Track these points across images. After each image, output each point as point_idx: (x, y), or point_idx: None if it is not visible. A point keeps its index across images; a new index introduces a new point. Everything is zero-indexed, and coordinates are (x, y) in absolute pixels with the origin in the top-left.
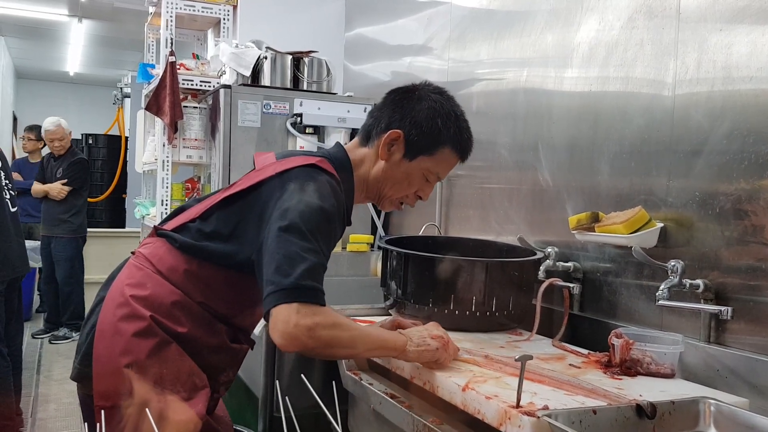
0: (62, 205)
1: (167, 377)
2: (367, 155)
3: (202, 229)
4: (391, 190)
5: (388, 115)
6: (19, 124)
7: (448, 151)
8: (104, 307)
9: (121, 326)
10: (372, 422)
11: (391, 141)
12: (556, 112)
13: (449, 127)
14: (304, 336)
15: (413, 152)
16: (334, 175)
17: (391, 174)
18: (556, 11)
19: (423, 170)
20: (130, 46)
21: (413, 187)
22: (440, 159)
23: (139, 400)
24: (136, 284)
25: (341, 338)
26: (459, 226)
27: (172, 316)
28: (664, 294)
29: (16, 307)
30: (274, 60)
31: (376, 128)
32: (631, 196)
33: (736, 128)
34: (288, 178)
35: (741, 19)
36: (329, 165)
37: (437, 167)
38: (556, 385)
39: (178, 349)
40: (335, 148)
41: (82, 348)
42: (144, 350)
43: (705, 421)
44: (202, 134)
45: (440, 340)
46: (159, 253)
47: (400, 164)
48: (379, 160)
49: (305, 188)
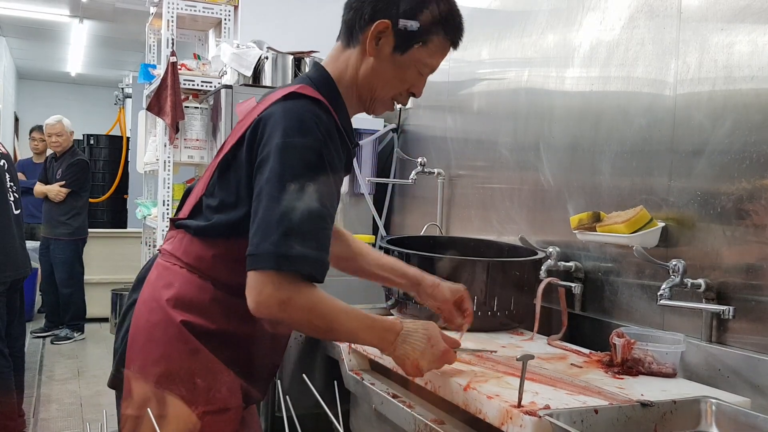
0: (61, 207)
1: (199, 387)
2: (351, 56)
3: (210, 204)
4: (382, 90)
5: (371, 3)
6: (21, 125)
7: (440, 38)
8: (136, 312)
9: (152, 331)
10: (373, 422)
11: (378, 33)
12: (558, 112)
13: (441, 11)
14: (276, 308)
15: (404, 43)
16: (318, 98)
17: (381, 71)
18: (557, 11)
19: (416, 62)
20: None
21: (406, 84)
22: (433, 48)
23: (164, 412)
24: (165, 285)
25: (317, 326)
26: (460, 226)
27: (203, 314)
28: (666, 293)
29: (18, 307)
30: (275, 60)
31: (358, 21)
32: (633, 196)
33: (737, 128)
34: (267, 117)
35: (742, 19)
36: (310, 89)
37: (431, 58)
38: (558, 385)
39: (209, 356)
40: (313, 69)
41: (117, 354)
42: (173, 358)
43: (706, 421)
44: (203, 134)
45: (428, 342)
46: (183, 246)
47: (391, 59)
48: (367, 57)
49: (284, 126)
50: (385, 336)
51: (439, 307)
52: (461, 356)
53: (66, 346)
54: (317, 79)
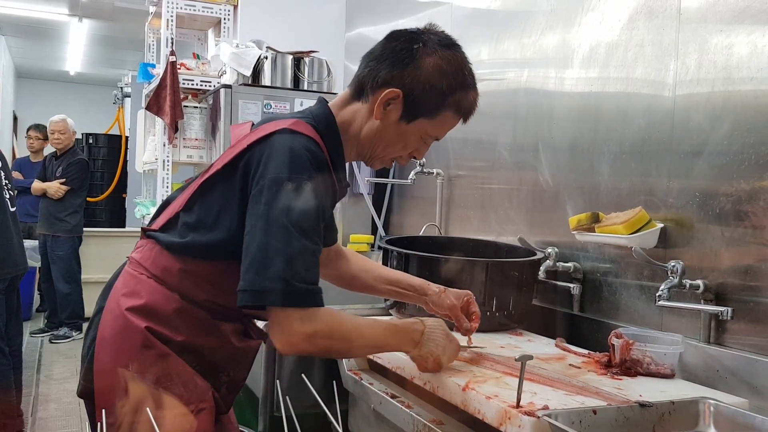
0: (60, 204)
1: (169, 392)
2: (359, 111)
3: (187, 221)
4: (384, 151)
5: (387, 68)
6: (20, 124)
7: (451, 113)
8: (102, 320)
9: (118, 340)
10: (372, 422)
11: (388, 100)
12: (557, 113)
13: (455, 90)
14: (303, 344)
15: (412, 114)
16: (312, 137)
17: (385, 135)
18: (556, 12)
19: (421, 133)
20: (130, 45)
21: (408, 149)
22: (441, 122)
23: (141, 417)
24: (130, 293)
25: (340, 348)
26: (459, 226)
27: (169, 324)
28: (664, 294)
29: (15, 306)
30: (274, 60)
31: (371, 82)
32: (632, 197)
33: (736, 129)
34: (261, 149)
35: (741, 20)
36: (306, 126)
37: (437, 130)
38: (556, 385)
39: (177, 360)
40: (318, 105)
41: (84, 362)
42: (142, 364)
43: (705, 422)
44: (202, 134)
45: (447, 337)
46: (151, 256)
47: (397, 126)
48: (373, 119)
49: (279, 161)
50: (412, 337)
51: (447, 314)
52: (462, 355)
53: (64, 345)
54: (319, 117)
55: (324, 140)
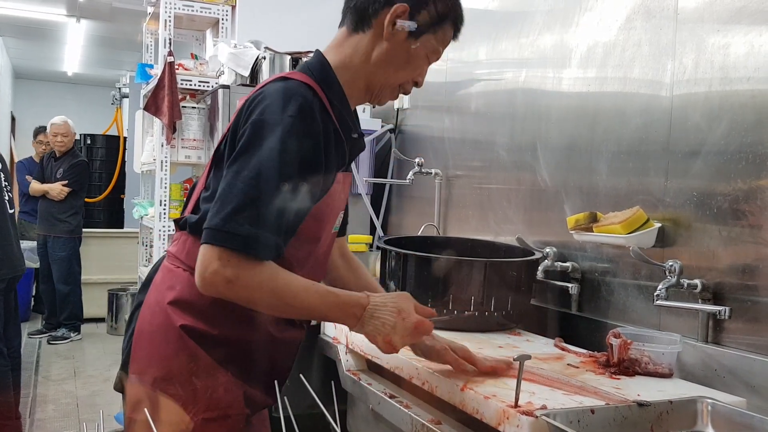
0: (60, 206)
1: (199, 393)
2: (360, 41)
3: (205, 197)
4: (394, 76)
5: None
6: (18, 125)
7: (448, 27)
8: (141, 315)
9: (155, 335)
10: (371, 422)
11: (397, 16)
12: (555, 113)
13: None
14: (222, 286)
15: (419, 30)
16: (306, 82)
17: (394, 57)
18: (554, 12)
19: (427, 50)
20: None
21: (416, 70)
22: (442, 36)
23: (164, 417)
24: (167, 288)
25: (271, 304)
26: (458, 226)
27: (204, 318)
28: (662, 294)
29: (14, 308)
30: (272, 60)
31: (373, 5)
32: (629, 196)
33: (733, 128)
34: (251, 100)
35: (738, 20)
36: (298, 74)
37: (440, 45)
38: (555, 385)
39: (209, 362)
40: (313, 56)
41: (123, 355)
42: (175, 364)
43: (702, 421)
44: (200, 134)
45: (398, 315)
46: (186, 247)
47: (405, 44)
48: (381, 42)
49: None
50: (352, 311)
51: None
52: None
53: (62, 346)
54: (313, 64)
55: (321, 86)
